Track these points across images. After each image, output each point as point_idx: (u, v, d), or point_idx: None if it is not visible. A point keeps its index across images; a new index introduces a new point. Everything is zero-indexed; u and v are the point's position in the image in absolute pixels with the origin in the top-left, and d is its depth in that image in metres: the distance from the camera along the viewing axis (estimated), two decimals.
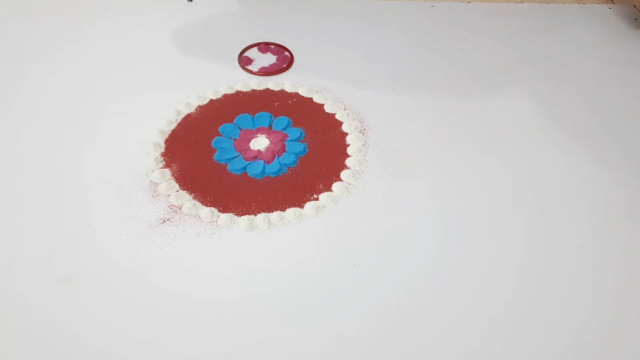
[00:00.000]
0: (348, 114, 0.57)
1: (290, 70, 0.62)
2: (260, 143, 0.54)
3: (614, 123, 0.57)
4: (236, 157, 0.52)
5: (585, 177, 0.51)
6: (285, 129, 0.55)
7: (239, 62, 0.63)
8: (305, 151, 0.53)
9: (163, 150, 0.53)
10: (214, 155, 0.52)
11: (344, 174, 0.51)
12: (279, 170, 0.51)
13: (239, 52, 0.64)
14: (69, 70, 0.62)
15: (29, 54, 0.64)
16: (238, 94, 0.59)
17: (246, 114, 0.56)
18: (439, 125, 0.56)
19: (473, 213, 0.48)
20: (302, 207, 0.48)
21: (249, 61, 0.63)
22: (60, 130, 0.55)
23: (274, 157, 0.52)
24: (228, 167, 0.52)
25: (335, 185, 0.50)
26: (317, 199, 0.49)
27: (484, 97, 0.59)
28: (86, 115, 0.56)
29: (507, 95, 0.60)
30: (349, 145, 0.54)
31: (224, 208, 0.48)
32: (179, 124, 0.56)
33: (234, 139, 0.54)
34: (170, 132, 0.55)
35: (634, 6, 0.73)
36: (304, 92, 0.59)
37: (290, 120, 0.56)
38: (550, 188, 0.50)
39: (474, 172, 0.52)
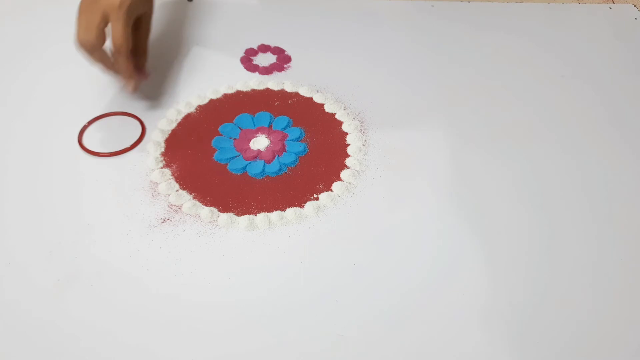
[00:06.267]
0: (348, 114, 0.57)
1: (290, 70, 0.62)
2: (260, 143, 0.54)
3: (614, 123, 0.57)
4: (236, 156, 0.52)
5: (587, 177, 0.51)
6: (285, 129, 0.55)
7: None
8: (305, 151, 0.53)
9: (163, 150, 0.53)
10: (214, 155, 0.52)
11: (344, 174, 0.51)
12: (279, 170, 0.51)
13: (238, 52, 0.64)
14: (67, 68, 0.61)
15: (25, 51, 0.64)
16: (238, 93, 0.59)
17: (246, 113, 0.56)
18: (440, 124, 0.56)
19: (474, 213, 0.48)
20: (302, 207, 0.48)
21: (249, 61, 0.63)
22: (58, 130, 0.55)
23: (274, 157, 0.52)
24: (228, 167, 0.52)
25: (335, 185, 0.50)
26: (317, 199, 0.49)
27: (484, 97, 0.59)
28: (85, 114, 0.56)
29: (508, 94, 0.60)
30: (349, 145, 0.54)
31: (224, 208, 0.48)
32: (179, 124, 0.56)
33: (234, 139, 0.54)
34: (170, 132, 0.55)
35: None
36: (304, 92, 0.59)
37: (290, 120, 0.56)
38: (552, 187, 0.50)
39: (475, 172, 0.51)
